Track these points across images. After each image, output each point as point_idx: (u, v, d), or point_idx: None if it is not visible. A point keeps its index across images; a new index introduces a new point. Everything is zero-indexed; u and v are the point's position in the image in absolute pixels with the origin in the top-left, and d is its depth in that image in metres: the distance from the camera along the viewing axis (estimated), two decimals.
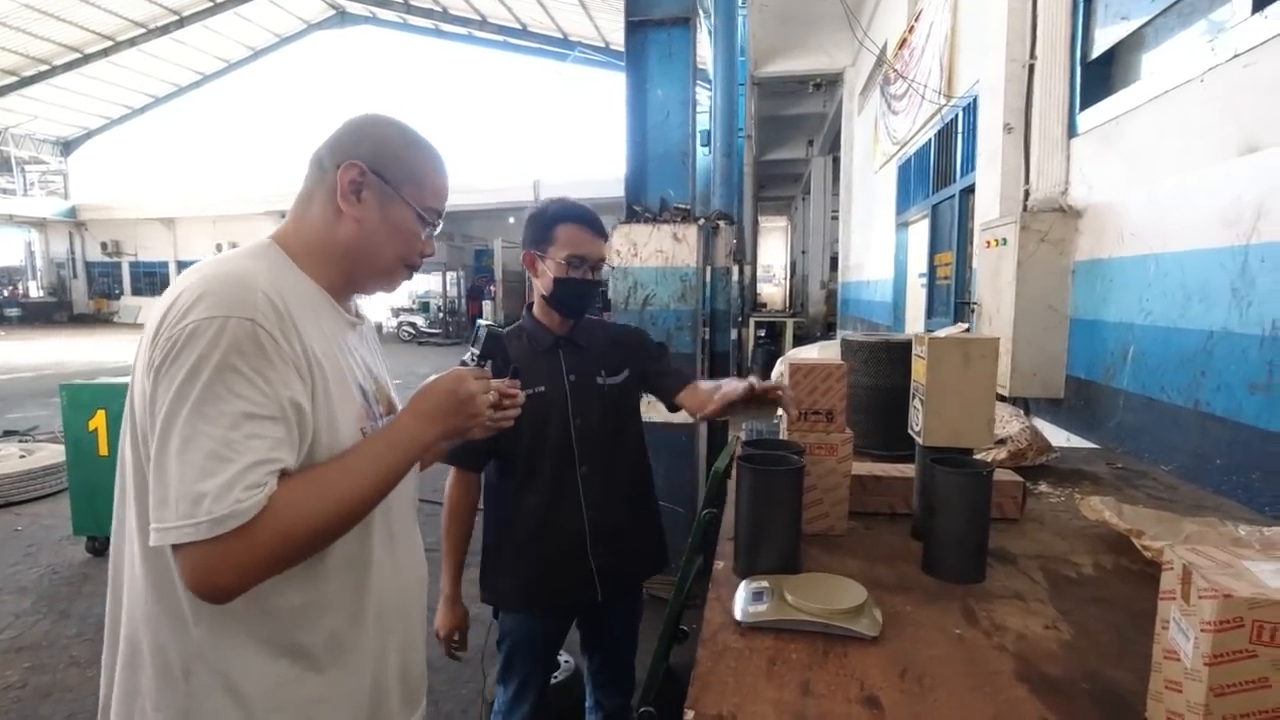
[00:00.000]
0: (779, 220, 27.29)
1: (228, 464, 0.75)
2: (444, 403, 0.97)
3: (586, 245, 1.57)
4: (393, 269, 1.01)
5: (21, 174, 25.81)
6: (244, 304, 0.81)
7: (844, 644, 0.96)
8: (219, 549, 0.74)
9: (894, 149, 5.90)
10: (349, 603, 0.94)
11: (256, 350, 0.80)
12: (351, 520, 0.87)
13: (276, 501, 0.78)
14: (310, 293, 0.94)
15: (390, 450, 0.91)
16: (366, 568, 0.96)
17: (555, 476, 1.59)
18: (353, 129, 0.99)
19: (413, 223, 0.99)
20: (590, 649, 1.80)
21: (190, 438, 0.76)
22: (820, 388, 1.40)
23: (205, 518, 0.73)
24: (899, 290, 6.19)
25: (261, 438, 0.78)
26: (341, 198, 0.94)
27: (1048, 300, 2.44)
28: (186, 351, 0.78)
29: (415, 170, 1.00)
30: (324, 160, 0.97)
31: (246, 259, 0.90)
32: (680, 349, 3.49)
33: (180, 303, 0.81)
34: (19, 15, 17.23)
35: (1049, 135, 2.63)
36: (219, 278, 0.83)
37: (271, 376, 0.80)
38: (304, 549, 0.83)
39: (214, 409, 0.77)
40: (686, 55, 3.44)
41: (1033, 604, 1.09)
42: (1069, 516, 1.49)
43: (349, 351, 0.98)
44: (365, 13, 22.20)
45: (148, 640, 0.86)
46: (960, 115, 4.07)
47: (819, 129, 13.02)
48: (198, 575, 0.76)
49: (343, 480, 0.85)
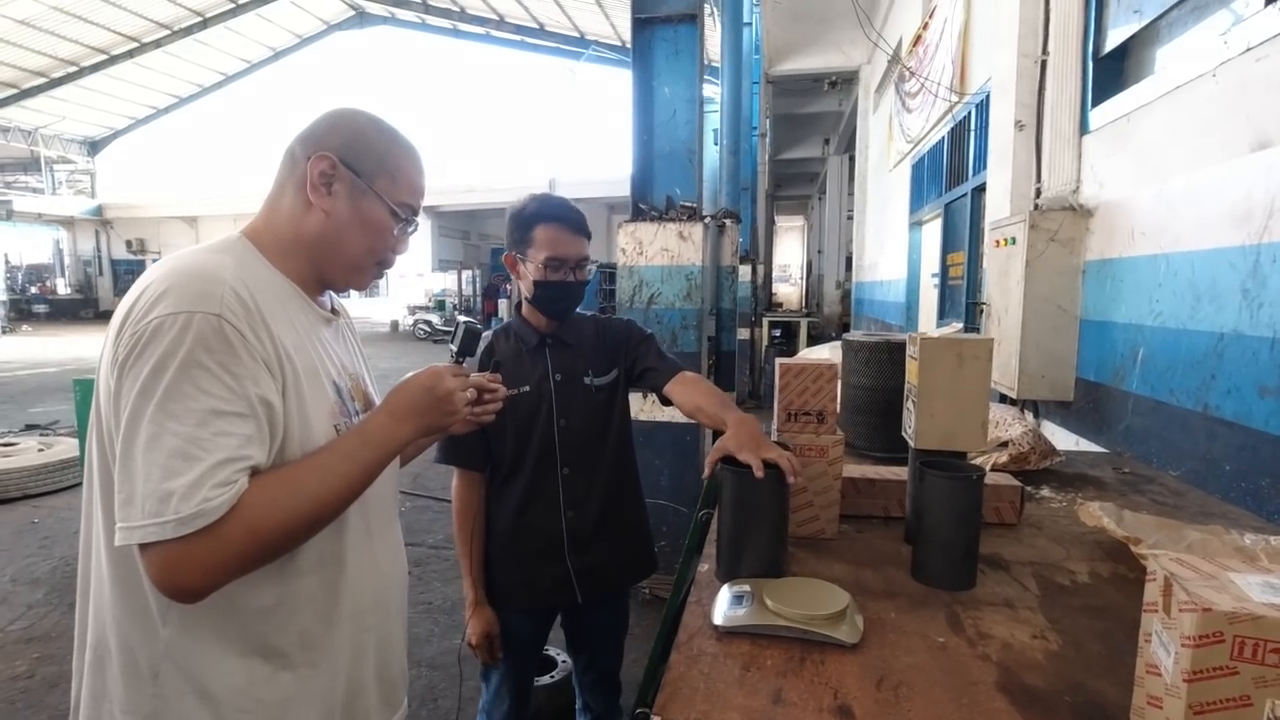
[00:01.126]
0: (795, 219, 27.14)
1: (195, 462, 0.74)
2: (420, 399, 0.96)
3: (566, 245, 1.51)
4: (362, 264, 0.98)
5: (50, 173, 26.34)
6: (209, 298, 0.79)
7: (822, 651, 0.94)
8: (186, 548, 0.73)
9: (908, 147, 5.83)
10: (322, 601, 0.92)
11: (223, 345, 0.78)
12: (325, 519, 0.86)
13: (246, 499, 0.76)
14: (280, 287, 0.92)
15: (365, 447, 0.90)
16: (341, 566, 0.95)
17: (536, 477, 1.57)
18: (327, 121, 0.96)
19: (385, 218, 0.97)
20: (575, 650, 1.79)
21: (156, 435, 0.74)
22: (811, 388, 1.37)
23: (172, 516, 0.72)
24: (912, 290, 6.12)
25: (230, 435, 0.77)
26: (311, 189, 0.92)
27: (1057, 300, 2.39)
28: (151, 347, 0.76)
29: (390, 165, 0.97)
30: (296, 152, 0.95)
31: (213, 253, 0.88)
32: (686, 348, 3.47)
33: (145, 298, 0.79)
34: (48, 18, 17.56)
35: (1060, 132, 2.57)
36: (184, 272, 0.81)
37: (239, 372, 0.79)
38: (275, 548, 0.81)
39: (180, 405, 0.75)
40: (694, 52, 3.41)
41: (1022, 612, 1.06)
42: (1069, 522, 1.46)
43: (322, 346, 0.96)
44: (384, 13, 22.37)
45: (115, 641, 0.85)
46: (973, 112, 4.01)
47: (835, 128, 12.92)
48: (165, 575, 0.74)
49: (315, 478, 0.84)
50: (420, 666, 2.72)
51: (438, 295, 22.23)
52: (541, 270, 1.50)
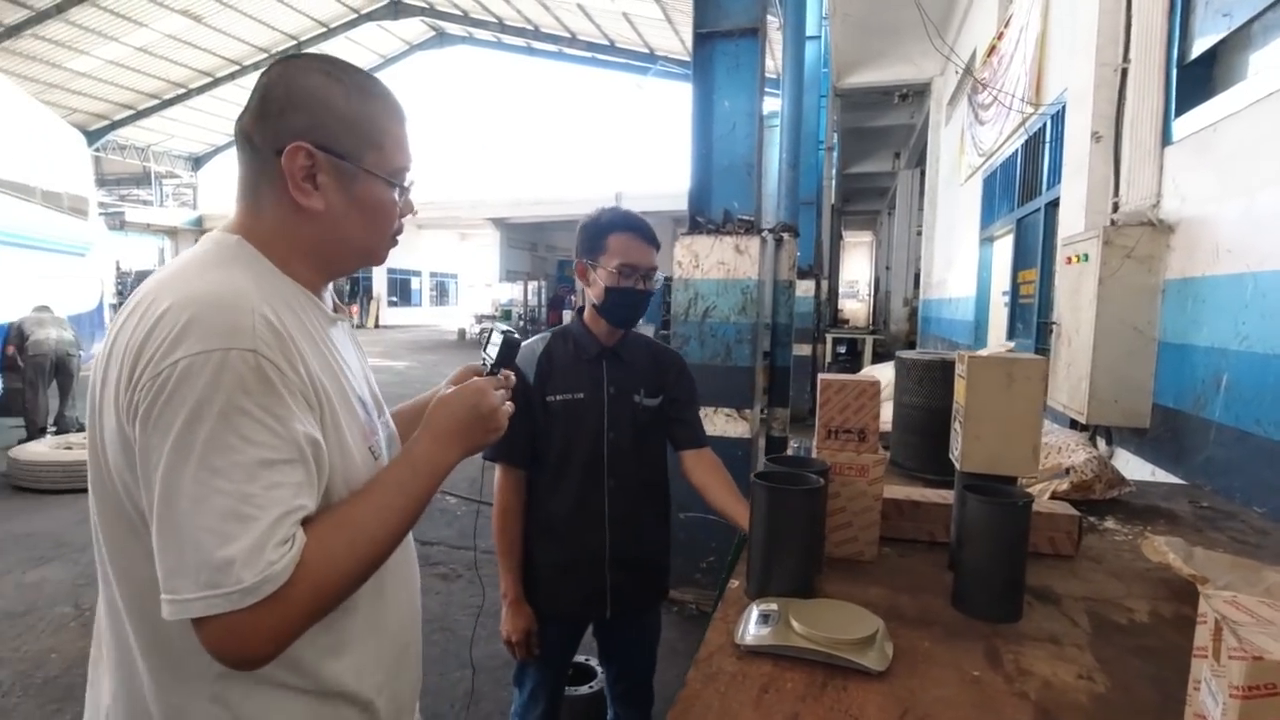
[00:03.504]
0: (864, 235, 26.56)
1: (251, 522, 0.66)
2: (466, 418, 0.90)
3: (638, 254, 1.55)
4: (374, 247, 0.89)
5: (159, 187, 28.44)
6: (242, 331, 0.69)
7: (846, 677, 0.90)
8: (252, 617, 0.66)
9: (979, 161, 5.62)
10: (368, 628, 0.88)
11: (263, 385, 0.69)
12: (382, 558, 0.80)
13: (306, 554, 0.69)
14: (292, 294, 0.82)
15: (415, 478, 0.84)
16: (380, 591, 0.89)
17: (582, 486, 1.58)
18: (278, 92, 0.80)
19: (385, 194, 0.85)
20: (606, 661, 1.78)
21: (202, 496, 0.66)
22: (852, 405, 1.34)
23: (235, 587, 0.65)
24: (981, 309, 5.87)
25: (282, 485, 0.69)
26: (294, 189, 0.79)
27: (1132, 321, 2.25)
28: (180, 395, 0.67)
29: (371, 128, 0.83)
30: (254, 138, 0.80)
31: (227, 268, 0.77)
32: (739, 362, 3.43)
33: (161, 332, 0.68)
34: (162, 45, 19.04)
35: (1140, 144, 2.43)
36: (205, 300, 0.70)
37: (282, 414, 0.70)
38: (338, 598, 0.75)
39: (225, 460, 0.67)
40: (754, 66, 3.40)
41: (1068, 649, 0.99)
42: (1132, 557, 1.36)
43: (338, 356, 0.87)
44: (462, 33, 23.21)
45: (158, 710, 0.77)
46: (1048, 124, 3.84)
47: (906, 141, 12.60)
48: (228, 647, 0.67)
49: (370, 518, 0.78)
50: (465, 668, 2.77)
51: (504, 305, 22.78)
52: (614, 277, 1.53)
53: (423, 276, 30.94)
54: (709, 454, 1.67)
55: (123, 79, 20.41)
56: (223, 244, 0.81)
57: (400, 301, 29.24)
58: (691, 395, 1.73)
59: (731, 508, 1.50)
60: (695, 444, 1.68)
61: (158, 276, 0.77)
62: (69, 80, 19.46)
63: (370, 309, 27.39)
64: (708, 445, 1.70)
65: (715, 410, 3.45)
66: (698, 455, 1.66)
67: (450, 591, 3.50)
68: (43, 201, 7.09)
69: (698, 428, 1.71)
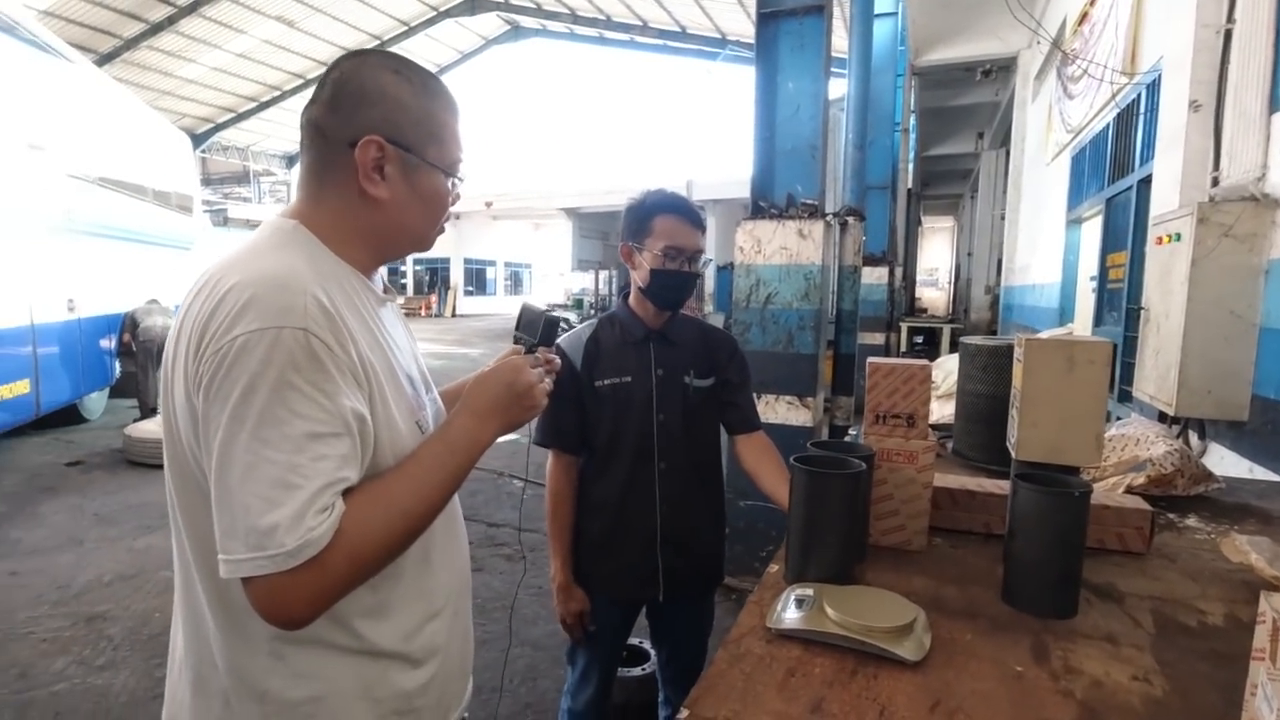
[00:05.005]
0: (945, 220, 25.42)
1: (296, 490, 0.71)
2: (502, 396, 0.92)
3: (684, 236, 1.54)
4: (427, 235, 0.94)
5: (257, 185, 30.25)
6: (294, 311, 0.74)
7: (878, 665, 0.88)
8: (293, 579, 0.71)
9: (1068, 137, 5.26)
10: (417, 595, 0.92)
11: (313, 362, 0.74)
12: (418, 531, 0.84)
13: (345, 523, 0.74)
14: (346, 278, 0.87)
15: (452, 454, 0.87)
16: (427, 559, 0.94)
17: (633, 470, 1.59)
18: (352, 88, 0.85)
19: (442, 186, 0.91)
20: (658, 643, 1.79)
21: (253, 465, 0.71)
22: (901, 389, 1.30)
23: (279, 550, 0.70)
24: (1067, 295, 5.50)
25: (328, 458, 0.73)
26: (365, 179, 0.85)
27: (1229, 305, 2.06)
28: (238, 369, 0.72)
29: (433, 124, 0.89)
30: (326, 130, 0.86)
31: (283, 251, 0.82)
32: (802, 349, 3.37)
33: (224, 310, 0.74)
34: (260, 50, 20.23)
35: (1245, 111, 2.22)
36: (264, 280, 0.76)
37: (330, 389, 0.75)
38: (375, 567, 0.79)
39: (275, 432, 0.71)
40: (819, 45, 3.30)
41: (1125, 650, 0.93)
42: (1211, 557, 1.27)
43: (387, 335, 0.91)
44: (537, 25, 23.53)
45: (223, 665, 0.83)
46: (1142, 94, 3.55)
47: (990, 121, 11.95)
48: (272, 607, 0.73)
49: (406, 491, 0.81)
50: (524, 646, 2.85)
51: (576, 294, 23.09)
52: (659, 259, 1.52)
53: (498, 266, 31.73)
54: (761, 437, 1.65)
55: (225, 84, 21.79)
56: (281, 229, 0.86)
57: (476, 291, 30.12)
58: (744, 378, 1.70)
59: (781, 493, 1.45)
60: (748, 427, 1.66)
61: (222, 259, 0.82)
62: (179, 87, 20.92)
63: (448, 298, 28.34)
64: (761, 429, 1.67)
65: (777, 398, 3.39)
66: (750, 439, 1.64)
67: (514, 572, 3.60)
68: (154, 200, 7.68)
69: (750, 411, 1.68)
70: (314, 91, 0.88)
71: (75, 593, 3.31)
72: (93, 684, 2.57)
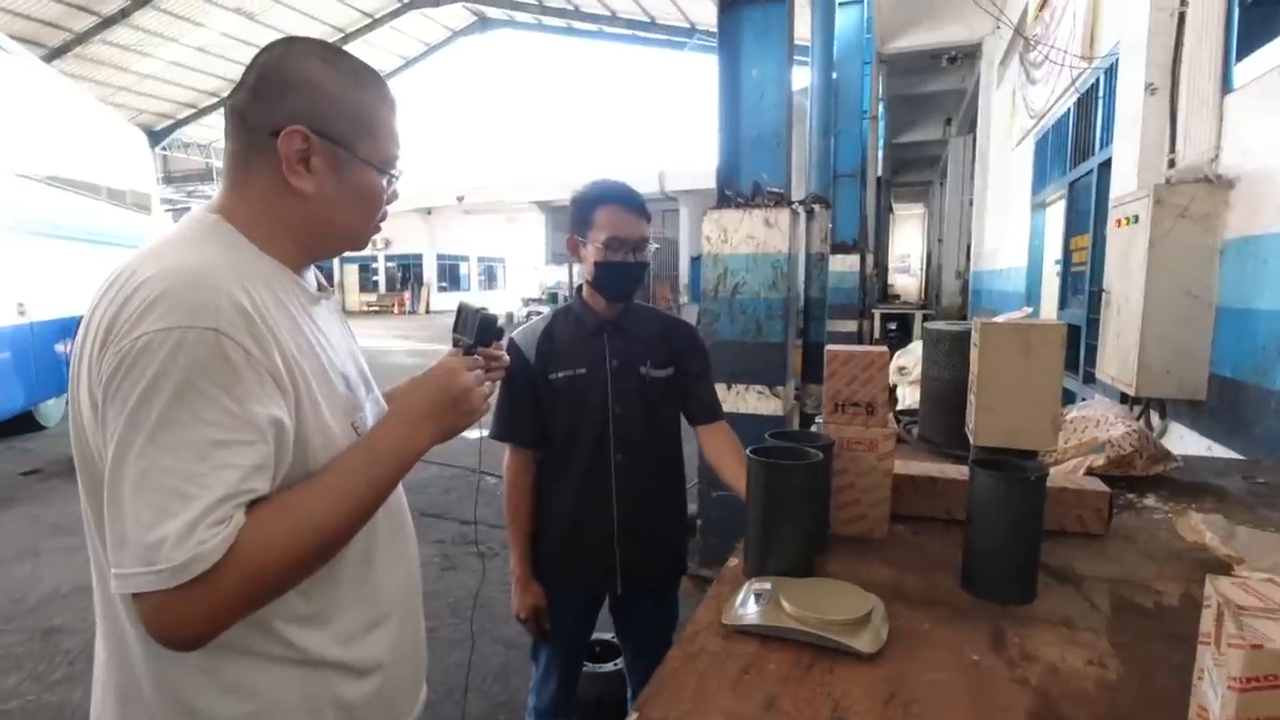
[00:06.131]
0: (916, 207, 25.69)
1: (191, 502, 0.65)
2: (436, 400, 0.87)
3: (626, 226, 1.51)
4: (358, 233, 0.89)
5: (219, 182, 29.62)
6: (206, 310, 0.69)
7: (834, 659, 0.87)
8: (180, 597, 0.65)
9: (1031, 123, 5.32)
10: (358, 602, 0.87)
11: (222, 365, 0.69)
12: (335, 544, 0.78)
13: (243, 536, 0.68)
14: (274, 274, 0.81)
15: (375, 462, 0.81)
16: (370, 563, 0.89)
17: (590, 462, 1.57)
18: (276, 76, 0.80)
19: (375, 182, 0.86)
20: (623, 639, 1.78)
21: (146, 472, 0.66)
22: (860, 377, 1.28)
23: (165, 565, 0.64)
24: (1033, 279, 5.58)
25: (232, 467, 0.68)
26: (288, 171, 0.80)
27: (1186, 286, 2.08)
28: (139, 369, 0.67)
29: (364, 115, 0.84)
30: (248, 117, 0.81)
31: (201, 246, 0.77)
32: (771, 339, 3.35)
33: (132, 306, 0.69)
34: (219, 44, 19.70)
35: (1199, 92, 2.24)
36: (178, 275, 0.71)
37: (239, 394, 0.69)
38: (278, 586, 0.73)
39: (174, 437, 0.66)
40: (783, 31, 3.28)
41: (1082, 634, 0.93)
42: (1169, 537, 1.27)
43: (321, 334, 0.86)
44: (504, 16, 23.23)
45: (146, 678, 0.78)
46: (1101, 79, 3.59)
47: (957, 107, 12.07)
48: (158, 626, 0.67)
49: (320, 503, 0.75)
50: (497, 644, 2.82)
51: (550, 288, 22.96)
52: (602, 251, 1.50)
53: (470, 261, 31.41)
54: (723, 428, 1.64)
55: (184, 79, 21.18)
56: (202, 222, 0.82)
57: (450, 286, 29.79)
58: (704, 367, 1.68)
59: (741, 484, 1.44)
60: (710, 418, 1.64)
61: (138, 253, 0.77)
62: (135, 83, 20.31)
63: (421, 294, 28.01)
64: (723, 419, 1.66)
65: (747, 388, 3.38)
66: (712, 430, 1.63)
67: (486, 569, 3.56)
68: (108, 199, 7.44)
69: (712, 401, 1.67)
70: (240, 77, 0.83)
71: (31, 606, 3.20)
72: (48, 700, 2.49)
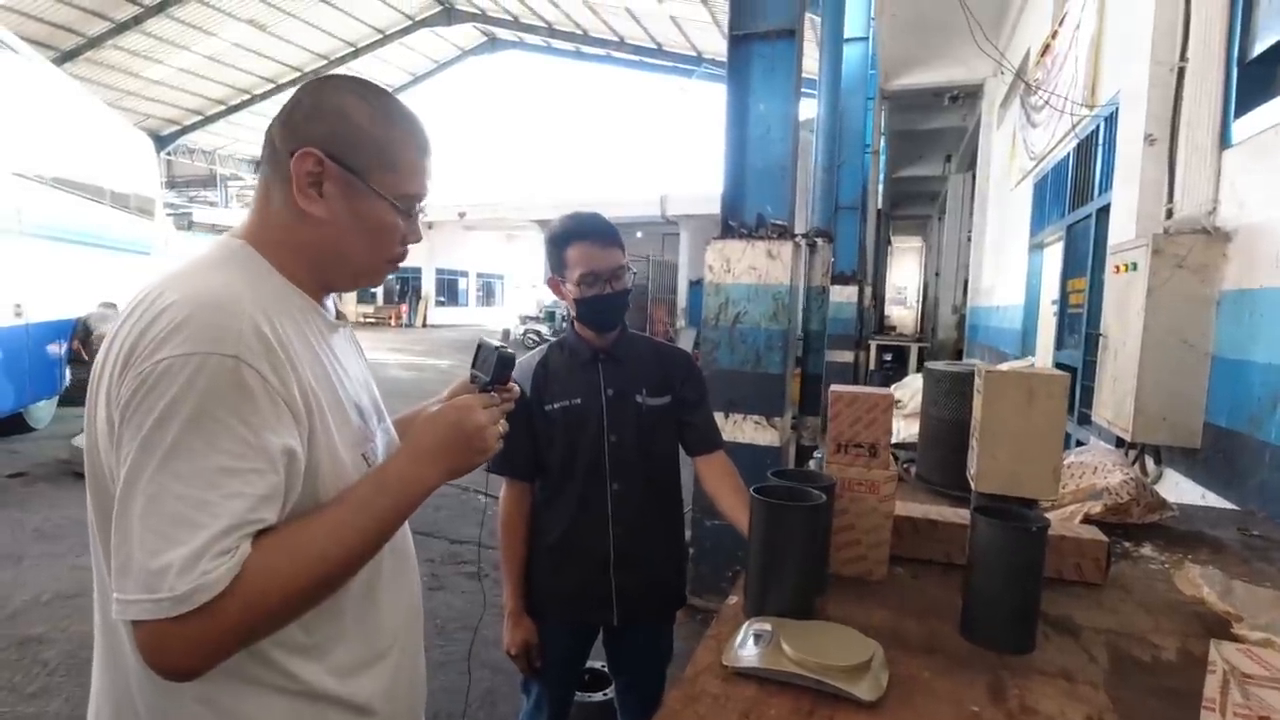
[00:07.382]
0: (914, 240, 25.94)
1: (199, 530, 0.65)
2: (448, 438, 0.85)
3: (597, 260, 1.52)
4: (370, 268, 0.88)
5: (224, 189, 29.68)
6: (227, 337, 0.69)
7: (834, 705, 0.86)
8: (178, 627, 0.64)
9: (1031, 165, 5.41)
10: (359, 634, 0.87)
11: (239, 393, 0.69)
12: (339, 578, 0.77)
13: (247, 568, 0.67)
14: (292, 301, 0.82)
15: (382, 496, 0.80)
16: (374, 596, 0.89)
17: (585, 491, 1.56)
18: (309, 102, 0.82)
19: (388, 216, 0.85)
20: (616, 671, 1.76)
21: (156, 497, 0.65)
22: (864, 419, 1.29)
23: (167, 594, 0.63)
24: (1029, 318, 5.64)
25: (242, 496, 0.68)
26: (298, 192, 0.80)
27: (1183, 334, 2.11)
28: (156, 393, 0.67)
29: (386, 150, 0.84)
30: (276, 141, 0.82)
31: (224, 270, 0.78)
32: (770, 369, 3.37)
33: (156, 330, 0.69)
34: (230, 53, 19.91)
35: (1197, 146, 2.29)
36: (201, 301, 0.71)
37: (255, 422, 0.69)
38: (280, 618, 0.72)
39: (186, 465, 0.66)
40: (790, 68, 3.34)
41: (1081, 687, 0.93)
42: (1165, 588, 1.28)
43: (338, 363, 0.87)
44: (513, 38, 23.59)
45: (142, 705, 0.77)
46: (1101, 126, 3.66)
47: (957, 145, 12.24)
48: (155, 655, 0.66)
49: (326, 536, 0.74)
50: (484, 669, 2.78)
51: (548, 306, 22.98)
52: (579, 288, 1.52)
53: (469, 277, 31.49)
54: (721, 458, 1.63)
55: (192, 86, 21.38)
56: (228, 248, 0.82)
57: (448, 301, 29.83)
58: (701, 395, 1.67)
59: (740, 516, 1.42)
60: (707, 447, 1.64)
61: (164, 275, 0.78)
62: (144, 88, 20.48)
63: (419, 308, 28.01)
64: (721, 448, 1.65)
65: (745, 418, 3.39)
66: (710, 460, 1.63)
67: (476, 590, 3.53)
68: (111, 203, 7.46)
69: (710, 430, 1.66)
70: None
71: (10, 613, 3.15)
72: (23, 712, 2.44)
